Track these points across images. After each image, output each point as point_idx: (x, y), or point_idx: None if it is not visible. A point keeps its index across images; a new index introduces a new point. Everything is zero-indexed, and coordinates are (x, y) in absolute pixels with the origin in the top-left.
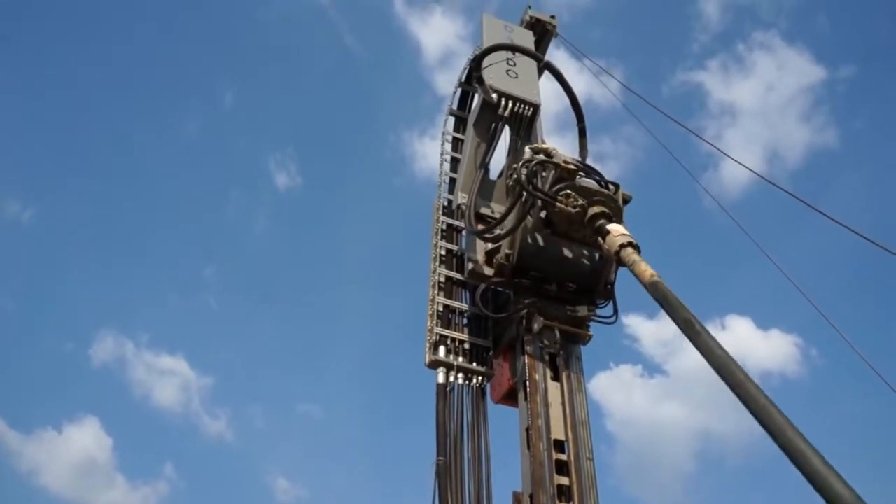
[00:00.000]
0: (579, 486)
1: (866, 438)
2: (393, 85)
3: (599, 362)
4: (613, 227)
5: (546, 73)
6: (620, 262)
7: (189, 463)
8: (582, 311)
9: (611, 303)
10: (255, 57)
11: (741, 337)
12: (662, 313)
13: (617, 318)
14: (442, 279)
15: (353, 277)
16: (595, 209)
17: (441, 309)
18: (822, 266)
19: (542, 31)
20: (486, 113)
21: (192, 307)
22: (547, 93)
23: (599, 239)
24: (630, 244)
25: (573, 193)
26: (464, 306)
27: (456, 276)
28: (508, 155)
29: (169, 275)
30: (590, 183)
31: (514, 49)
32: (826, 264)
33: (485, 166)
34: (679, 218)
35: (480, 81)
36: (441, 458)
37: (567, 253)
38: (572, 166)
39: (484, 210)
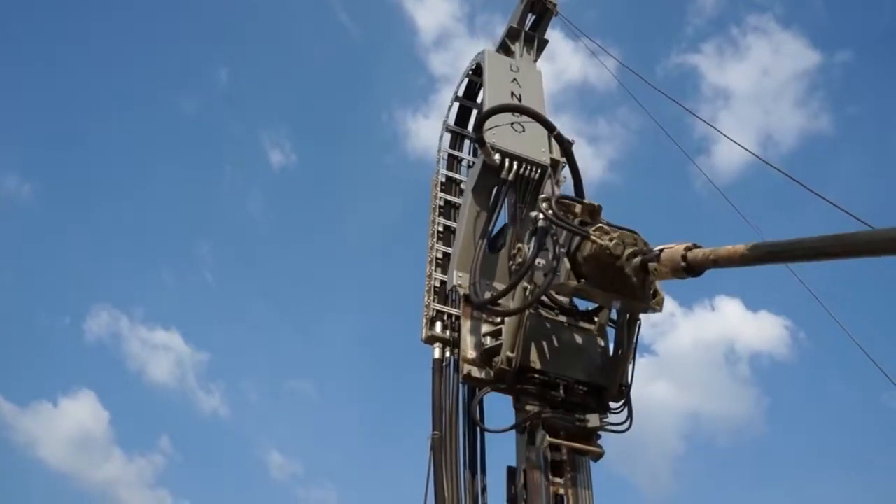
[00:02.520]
0: None
1: (853, 421)
2: (387, 64)
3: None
4: (664, 245)
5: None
6: (695, 268)
7: (184, 437)
8: (593, 420)
9: (625, 407)
10: (250, 35)
11: (731, 318)
12: None
13: (631, 425)
14: (439, 255)
15: (347, 254)
16: (631, 248)
17: (438, 285)
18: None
19: (542, 10)
20: (486, 177)
21: (187, 283)
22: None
23: (651, 265)
24: (695, 245)
25: (606, 227)
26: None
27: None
28: (511, 225)
29: (163, 251)
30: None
31: (522, 112)
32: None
33: (486, 238)
34: (671, 201)
35: (481, 143)
36: (436, 432)
37: (578, 340)
38: (596, 204)
39: (486, 292)
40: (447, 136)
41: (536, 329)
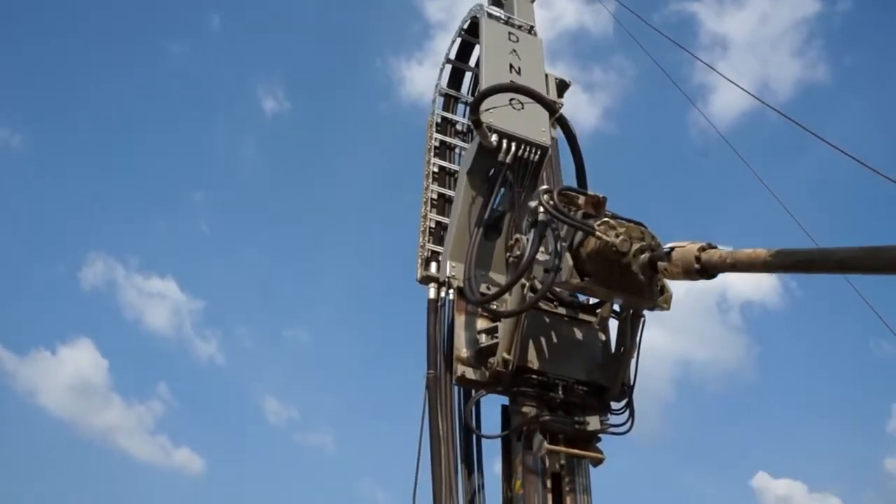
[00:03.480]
0: None
1: (842, 368)
2: (381, 10)
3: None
4: (675, 243)
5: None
6: (709, 270)
7: (182, 383)
8: (593, 422)
9: (626, 408)
10: None
11: None
12: None
13: (632, 426)
14: (434, 196)
15: (342, 201)
16: (638, 244)
17: (433, 226)
18: (812, 195)
19: None
20: (482, 159)
21: (181, 231)
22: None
23: (661, 264)
24: (710, 245)
25: (612, 222)
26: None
27: (449, 192)
28: (508, 212)
29: (157, 199)
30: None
31: (521, 92)
32: (817, 193)
33: (483, 226)
34: (666, 150)
35: (477, 125)
36: (431, 371)
37: (578, 335)
38: (601, 196)
39: (482, 285)
40: (446, 69)
41: (535, 326)
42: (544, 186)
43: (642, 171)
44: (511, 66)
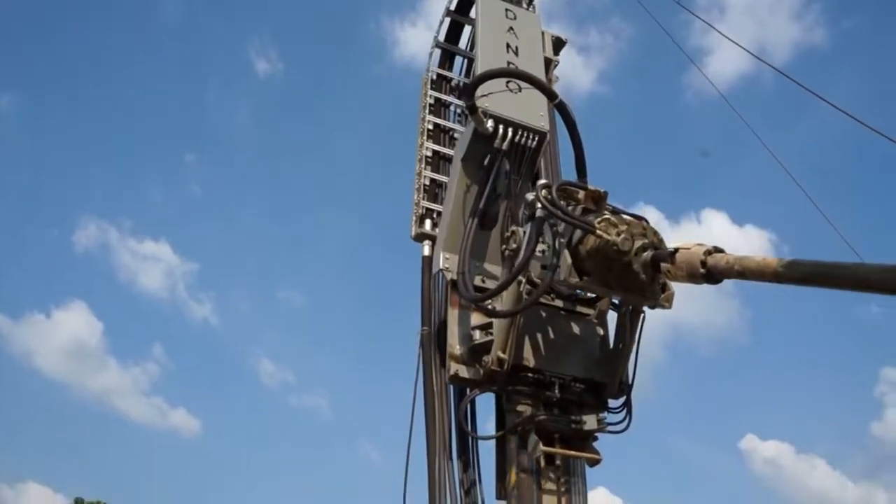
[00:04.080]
0: None
1: (830, 331)
2: None
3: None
4: (679, 244)
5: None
6: (715, 276)
7: (177, 346)
8: (590, 421)
9: (624, 407)
10: None
11: (716, 231)
12: (640, 206)
13: (629, 425)
14: (429, 153)
15: (335, 163)
16: (640, 242)
17: (428, 183)
18: (811, 156)
19: None
20: (477, 144)
21: (174, 194)
22: None
23: (664, 266)
24: (716, 249)
25: (613, 219)
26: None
27: (444, 150)
28: (503, 201)
29: (150, 162)
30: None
31: (519, 77)
32: (815, 154)
33: (478, 215)
34: (660, 113)
35: (472, 111)
36: (426, 327)
37: (576, 329)
38: (602, 191)
39: (477, 277)
40: (445, 22)
41: (531, 321)
42: (542, 181)
43: (637, 134)
44: (508, 46)
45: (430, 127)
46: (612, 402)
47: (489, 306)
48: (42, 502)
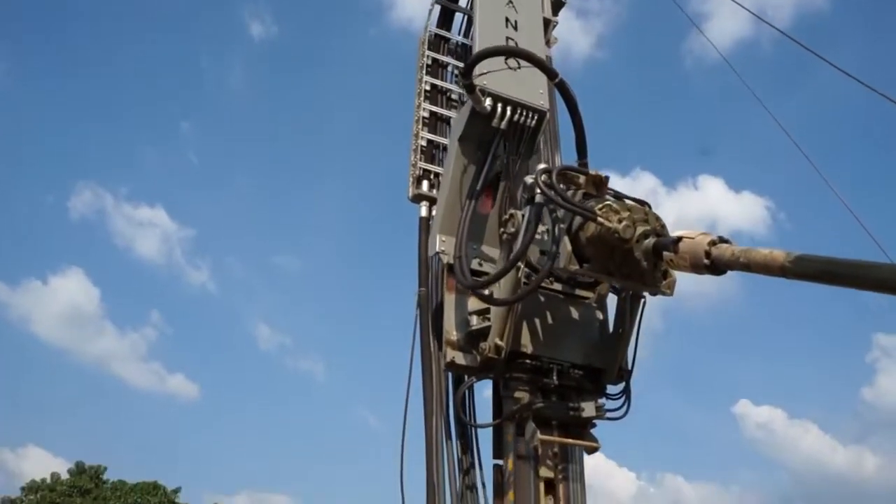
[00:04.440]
0: None
1: (829, 300)
2: None
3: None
4: (684, 232)
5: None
6: (720, 267)
7: (174, 311)
8: (588, 408)
9: (624, 395)
10: None
11: (713, 197)
12: (637, 172)
13: (627, 411)
14: (426, 114)
15: (332, 127)
16: (642, 228)
17: (425, 144)
18: (812, 119)
19: None
20: (474, 124)
21: (170, 160)
22: None
23: (667, 254)
24: (721, 239)
25: (614, 205)
26: (448, 141)
27: (441, 111)
28: (501, 181)
29: (144, 128)
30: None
31: (518, 56)
32: (816, 117)
33: (475, 198)
34: (659, 78)
35: (470, 90)
36: (423, 288)
37: (574, 314)
38: (604, 175)
39: (474, 260)
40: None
41: (529, 306)
42: (542, 165)
43: (636, 100)
44: (507, 21)
45: (427, 88)
46: (610, 388)
47: (487, 292)
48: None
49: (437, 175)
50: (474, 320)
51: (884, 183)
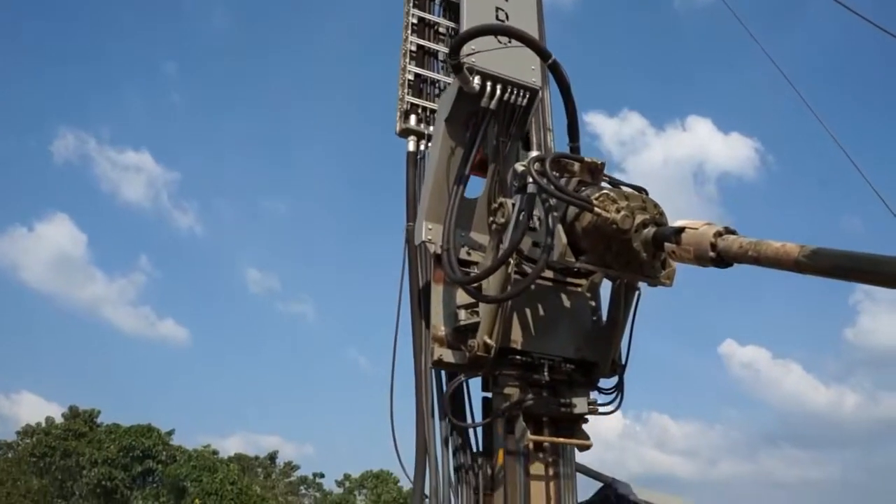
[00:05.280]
0: None
1: (814, 242)
2: None
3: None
4: (686, 222)
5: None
6: (727, 260)
7: (162, 256)
8: (580, 405)
9: (617, 390)
10: None
11: (701, 138)
12: (625, 113)
13: (620, 405)
14: (413, 48)
15: (319, 67)
16: (641, 217)
17: (412, 78)
18: (809, 60)
19: None
20: (462, 103)
21: (153, 103)
22: None
23: (669, 246)
24: (727, 229)
25: (612, 193)
26: (436, 76)
27: (429, 45)
28: (490, 163)
29: (126, 71)
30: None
31: (509, 34)
32: (813, 58)
33: (463, 182)
34: (648, 19)
35: (458, 70)
36: (411, 223)
37: (566, 303)
38: (599, 161)
39: (462, 249)
40: None
41: (518, 298)
42: (535, 153)
43: (625, 40)
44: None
45: (415, 21)
46: (603, 384)
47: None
48: (37, 411)
49: (424, 109)
50: (462, 315)
51: (878, 123)
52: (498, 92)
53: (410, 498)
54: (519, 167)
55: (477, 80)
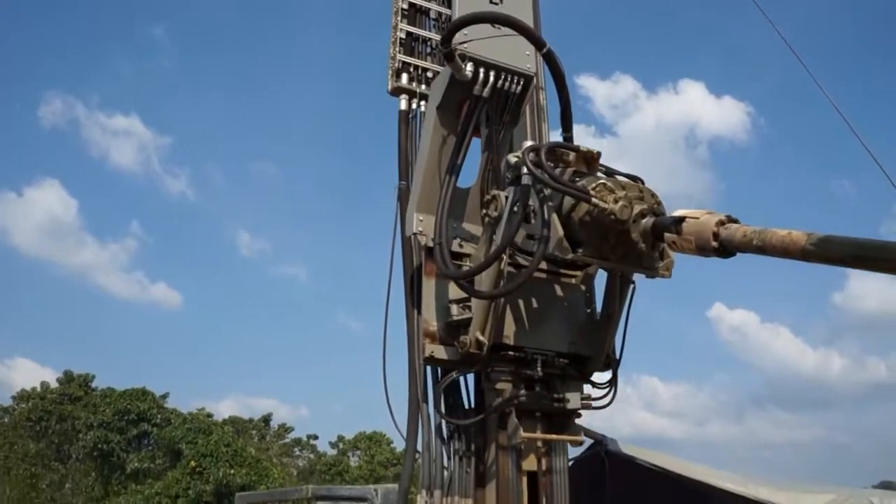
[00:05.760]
0: None
1: (803, 205)
2: None
3: (552, 122)
4: (686, 212)
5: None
6: (730, 250)
7: (154, 221)
8: (573, 399)
9: (611, 384)
10: None
11: (693, 101)
12: (617, 76)
13: (613, 400)
14: (405, 6)
15: (309, 27)
16: (639, 208)
17: (403, 36)
18: (800, 25)
19: None
20: (454, 91)
21: (142, 67)
22: None
23: (669, 236)
24: (729, 218)
25: (609, 183)
26: (427, 34)
27: (420, 2)
28: (483, 152)
29: (114, 35)
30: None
31: (502, 22)
32: (805, 23)
33: (455, 172)
34: None
35: (450, 58)
36: (403, 182)
37: (560, 293)
38: (595, 151)
39: (455, 241)
40: None
41: (522, 297)
42: (529, 143)
43: (620, 6)
44: None
45: None
46: (597, 378)
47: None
48: (32, 376)
49: (416, 67)
50: (455, 310)
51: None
52: (491, 79)
53: (403, 456)
54: (512, 158)
55: (469, 67)
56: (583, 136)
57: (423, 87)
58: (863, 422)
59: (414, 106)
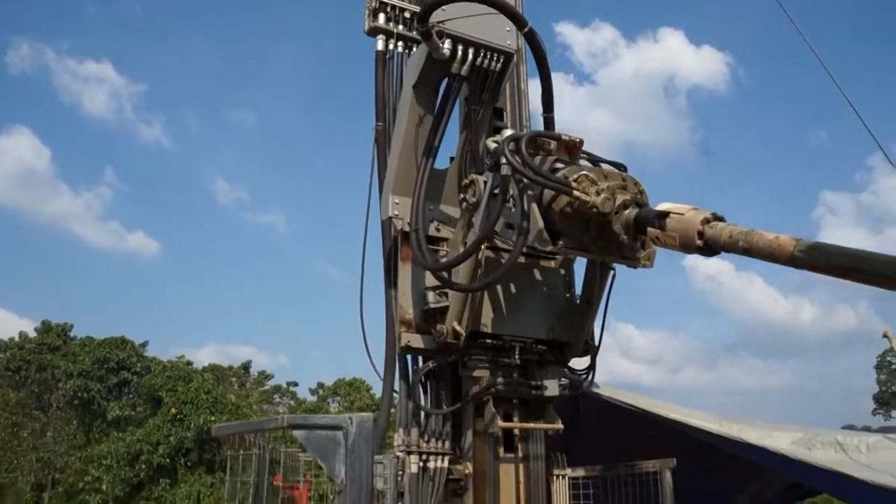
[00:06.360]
0: None
1: (780, 154)
2: None
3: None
4: (670, 206)
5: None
6: (715, 249)
7: (128, 169)
8: (551, 387)
9: (589, 371)
10: None
11: (673, 50)
12: (596, 24)
13: (591, 383)
14: None
15: None
16: (622, 198)
17: None
18: None
19: None
20: (431, 69)
21: (113, 12)
22: None
23: (652, 231)
24: (715, 216)
25: (591, 175)
26: None
27: None
28: (461, 131)
29: None
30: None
31: (486, 3)
32: None
33: (433, 154)
34: None
35: (427, 37)
36: (380, 123)
37: (538, 277)
38: (577, 139)
39: (432, 224)
40: None
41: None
42: (509, 132)
43: None
44: None
45: None
46: (575, 364)
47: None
48: (9, 326)
49: (393, 7)
50: (431, 297)
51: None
52: (470, 56)
53: (381, 399)
54: (491, 144)
55: (447, 44)
56: (562, 84)
57: (401, 27)
58: (830, 368)
59: (391, 46)
